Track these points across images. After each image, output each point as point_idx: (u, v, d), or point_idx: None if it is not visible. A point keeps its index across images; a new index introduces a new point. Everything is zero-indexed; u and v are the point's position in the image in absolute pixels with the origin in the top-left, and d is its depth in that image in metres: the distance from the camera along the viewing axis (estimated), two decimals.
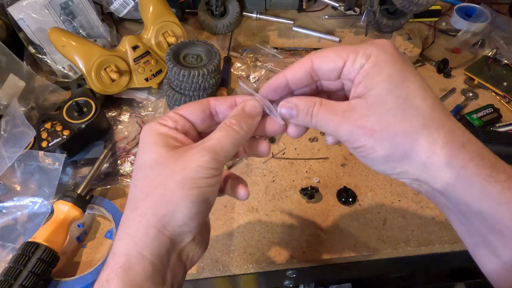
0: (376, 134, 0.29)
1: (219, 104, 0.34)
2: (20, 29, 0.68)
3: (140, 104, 0.69)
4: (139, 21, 0.84)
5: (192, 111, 0.33)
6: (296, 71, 0.32)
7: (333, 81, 0.32)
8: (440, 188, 0.29)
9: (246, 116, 0.32)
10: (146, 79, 0.68)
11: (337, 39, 0.83)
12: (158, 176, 0.29)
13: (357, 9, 0.87)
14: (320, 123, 0.31)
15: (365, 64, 0.29)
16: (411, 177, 0.30)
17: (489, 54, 0.78)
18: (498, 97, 0.72)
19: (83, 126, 0.58)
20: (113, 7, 0.78)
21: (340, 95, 0.34)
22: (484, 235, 0.29)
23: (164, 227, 0.29)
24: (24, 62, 0.68)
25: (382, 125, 0.29)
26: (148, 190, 0.29)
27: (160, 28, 0.69)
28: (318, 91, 0.34)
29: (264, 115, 0.34)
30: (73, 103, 0.58)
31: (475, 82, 0.74)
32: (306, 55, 0.32)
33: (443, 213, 0.33)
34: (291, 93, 0.34)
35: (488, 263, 0.30)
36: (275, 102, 0.34)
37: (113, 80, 0.65)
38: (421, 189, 0.31)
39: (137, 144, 0.63)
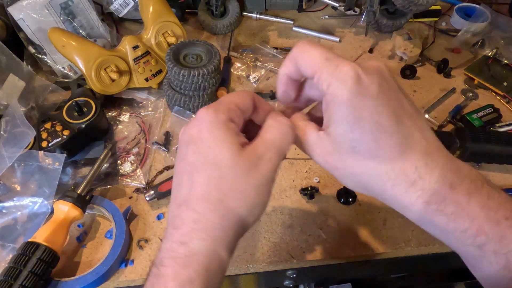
0: (339, 171, 0.32)
1: (258, 100, 0.34)
2: (20, 29, 0.68)
3: (140, 104, 0.69)
4: (139, 21, 0.84)
5: (244, 101, 0.33)
6: (287, 65, 0.32)
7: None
8: (412, 218, 0.32)
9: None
10: (146, 79, 0.68)
11: (337, 39, 0.83)
12: (237, 178, 0.30)
13: (357, 9, 0.87)
14: (300, 148, 0.35)
15: (326, 94, 0.30)
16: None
17: (489, 54, 0.78)
18: (498, 97, 0.72)
19: (83, 126, 0.58)
20: (113, 7, 0.78)
21: None
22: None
23: (242, 226, 0.30)
24: (24, 62, 0.68)
25: (343, 164, 0.31)
26: (227, 190, 0.29)
27: (160, 28, 0.69)
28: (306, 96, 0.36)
29: None
30: (73, 103, 0.58)
31: (475, 82, 0.74)
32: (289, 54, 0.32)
33: None
34: (301, 83, 0.35)
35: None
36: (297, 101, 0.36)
37: (113, 80, 0.65)
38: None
39: (137, 144, 0.63)
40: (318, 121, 0.34)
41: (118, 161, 0.61)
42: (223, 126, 0.30)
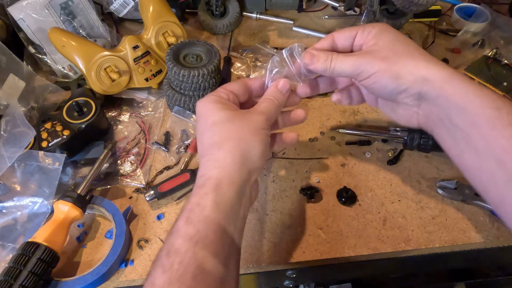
0: (389, 59, 0.41)
1: (253, 82, 0.47)
2: (20, 29, 0.68)
3: (140, 104, 0.69)
4: (139, 21, 0.84)
5: (237, 87, 0.45)
6: (322, 43, 0.46)
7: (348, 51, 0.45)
8: (435, 95, 0.40)
9: (279, 92, 0.45)
10: (146, 79, 0.68)
11: None
12: (233, 126, 0.40)
13: (357, 9, 0.87)
14: (338, 64, 0.43)
15: (373, 30, 0.43)
16: (414, 94, 0.41)
17: (489, 54, 0.78)
18: None
19: (83, 126, 0.58)
20: (113, 7, 0.78)
21: None
22: (466, 135, 0.39)
23: (245, 160, 0.39)
24: (24, 62, 0.68)
25: (392, 53, 0.41)
26: (229, 135, 0.40)
27: (160, 28, 0.69)
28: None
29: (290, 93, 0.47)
30: (73, 103, 0.58)
31: (475, 82, 0.74)
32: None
33: (437, 137, 0.43)
34: None
35: (469, 161, 0.40)
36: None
37: (113, 80, 0.65)
38: (420, 111, 0.43)
39: (137, 144, 0.63)
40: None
41: (118, 161, 0.61)
42: (215, 100, 0.42)
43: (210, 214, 0.36)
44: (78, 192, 0.51)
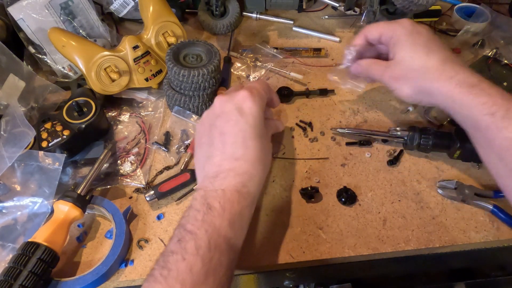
0: (399, 80, 0.53)
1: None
2: (20, 29, 0.68)
3: (140, 104, 0.69)
4: (139, 21, 0.84)
5: (268, 90, 0.54)
6: (357, 41, 0.59)
7: (380, 45, 0.58)
8: (443, 106, 0.50)
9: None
10: (146, 79, 0.68)
11: (337, 39, 0.83)
12: (264, 148, 0.48)
13: (357, 9, 0.87)
14: (371, 73, 0.58)
15: (392, 37, 0.54)
16: (433, 104, 0.52)
17: (489, 54, 0.78)
18: None
19: (83, 126, 0.58)
20: (113, 7, 0.78)
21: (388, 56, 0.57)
22: (472, 136, 0.49)
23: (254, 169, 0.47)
24: (24, 62, 0.68)
25: (403, 74, 0.53)
26: (262, 155, 0.47)
27: (160, 28, 0.69)
28: (378, 53, 0.60)
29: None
30: (73, 103, 0.58)
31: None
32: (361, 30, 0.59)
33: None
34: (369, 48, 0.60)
35: (480, 153, 0.49)
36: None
37: (113, 80, 0.65)
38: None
39: (137, 144, 0.63)
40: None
41: (118, 161, 0.61)
42: (261, 110, 0.49)
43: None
44: (78, 192, 0.51)
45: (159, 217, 0.55)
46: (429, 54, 0.50)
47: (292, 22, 0.87)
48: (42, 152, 0.54)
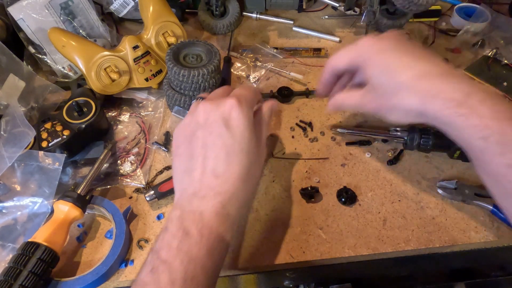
0: (382, 107, 0.46)
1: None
2: (20, 29, 0.68)
3: (140, 104, 0.69)
4: (139, 21, 0.84)
5: (258, 96, 0.49)
6: (325, 76, 0.53)
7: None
8: (434, 124, 0.43)
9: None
10: (146, 79, 0.68)
11: (337, 39, 0.83)
12: (251, 164, 0.43)
13: (357, 9, 0.87)
14: (348, 107, 0.55)
15: (359, 61, 0.47)
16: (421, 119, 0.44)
17: (489, 54, 0.78)
18: None
19: (83, 126, 0.58)
20: (113, 7, 0.78)
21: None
22: (470, 157, 0.42)
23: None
24: (24, 62, 0.68)
25: (385, 101, 0.45)
26: (245, 172, 0.43)
27: (160, 28, 0.69)
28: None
29: None
30: (73, 103, 0.58)
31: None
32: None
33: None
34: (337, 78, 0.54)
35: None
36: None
37: (113, 80, 0.65)
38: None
39: (137, 144, 0.63)
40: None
41: (118, 161, 0.61)
42: (250, 122, 0.43)
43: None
44: (78, 192, 0.51)
45: (159, 217, 0.55)
46: (403, 71, 0.43)
47: (292, 22, 0.87)
48: (42, 152, 0.54)
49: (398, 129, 0.63)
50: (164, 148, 0.63)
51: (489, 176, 0.42)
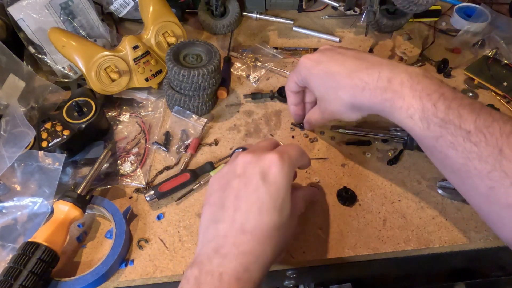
0: (333, 114, 0.53)
1: None
2: (20, 29, 0.68)
3: (140, 104, 0.69)
4: (139, 21, 0.84)
5: (301, 156, 0.46)
6: (291, 100, 0.62)
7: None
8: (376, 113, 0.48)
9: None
10: (146, 79, 0.68)
11: (337, 39, 0.83)
12: (281, 225, 0.41)
13: (357, 9, 0.87)
14: (318, 124, 0.62)
15: (302, 80, 0.55)
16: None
17: (489, 54, 0.78)
18: (498, 97, 0.72)
19: (83, 126, 0.58)
20: (113, 7, 0.78)
21: None
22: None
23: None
24: (24, 62, 0.68)
25: (329, 110, 0.53)
26: (274, 233, 0.40)
27: (160, 28, 0.69)
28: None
29: None
30: (73, 103, 0.58)
31: (475, 82, 0.74)
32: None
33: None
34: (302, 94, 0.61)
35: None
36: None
37: (113, 80, 0.65)
38: None
39: (137, 144, 0.63)
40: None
41: (118, 161, 0.61)
42: (288, 182, 0.41)
43: None
44: (78, 192, 0.51)
45: (159, 217, 0.55)
46: (335, 74, 0.49)
47: (292, 22, 0.87)
48: (42, 152, 0.54)
49: (398, 129, 0.63)
50: (164, 148, 0.63)
51: (427, 152, 0.46)
